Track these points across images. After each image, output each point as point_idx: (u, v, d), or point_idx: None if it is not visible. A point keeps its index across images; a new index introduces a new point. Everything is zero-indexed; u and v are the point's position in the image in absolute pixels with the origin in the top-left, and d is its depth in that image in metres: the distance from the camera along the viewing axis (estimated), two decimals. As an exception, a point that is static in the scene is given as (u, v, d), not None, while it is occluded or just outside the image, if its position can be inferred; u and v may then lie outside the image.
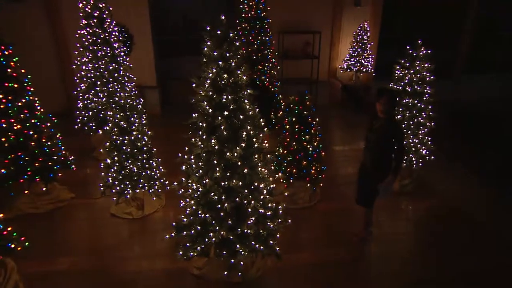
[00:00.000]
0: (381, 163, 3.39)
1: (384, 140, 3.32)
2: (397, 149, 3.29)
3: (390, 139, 3.29)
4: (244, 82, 2.75)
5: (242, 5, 5.41)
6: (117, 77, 5.58)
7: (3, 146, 3.83)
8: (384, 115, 3.29)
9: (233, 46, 2.63)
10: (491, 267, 3.63)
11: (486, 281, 3.47)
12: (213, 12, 8.18)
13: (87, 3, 5.23)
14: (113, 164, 4.00)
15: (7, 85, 3.78)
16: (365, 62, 7.82)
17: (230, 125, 2.75)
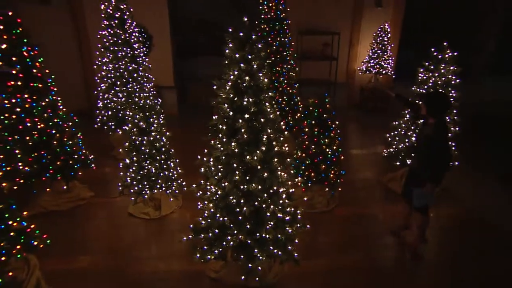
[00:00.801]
0: (426, 167, 3.28)
1: (429, 143, 3.24)
2: (435, 152, 3.18)
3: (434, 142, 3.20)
4: (265, 85, 2.70)
5: (261, 6, 5.36)
6: (136, 78, 5.65)
7: (27, 144, 3.91)
8: (431, 119, 3.24)
9: (255, 48, 2.59)
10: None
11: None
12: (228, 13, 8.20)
13: (109, 5, 5.31)
14: (132, 164, 4.03)
15: (32, 85, 3.86)
16: (385, 64, 7.65)
17: (251, 128, 2.71)
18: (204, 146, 3.01)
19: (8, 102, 3.82)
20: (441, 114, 3.24)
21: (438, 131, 3.20)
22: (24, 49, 3.78)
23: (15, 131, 3.89)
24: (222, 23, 7.90)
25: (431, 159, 3.23)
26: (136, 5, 5.57)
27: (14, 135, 3.90)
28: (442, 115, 3.26)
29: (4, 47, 3.67)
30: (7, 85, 3.77)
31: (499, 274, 3.54)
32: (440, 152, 3.18)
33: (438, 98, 3.27)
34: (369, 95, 8.11)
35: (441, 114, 3.24)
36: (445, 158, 3.22)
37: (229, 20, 7.74)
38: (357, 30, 7.89)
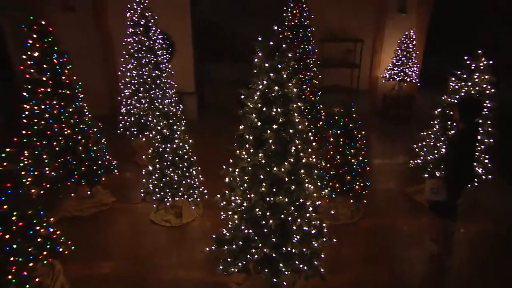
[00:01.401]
0: (454, 173, 3.28)
1: (456, 149, 3.27)
2: (454, 156, 3.23)
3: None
4: (294, 95, 2.64)
5: (285, 13, 5.32)
6: (159, 84, 5.70)
7: (54, 150, 3.98)
8: (462, 124, 3.25)
9: (285, 58, 2.54)
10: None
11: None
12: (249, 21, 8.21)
13: (134, 12, 5.39)
14: (154, 172, 4.03)
15: (60, 91, 3.94)
16: (410, 71, 7.45)
17: (279, 139, 2.64)
18: (225, 153, 2.97)
19: (37, 108, 3.90)
20: (472, 119, 3.25)
21: (463, 138, 3.22)
22: (54, 57, 3.86)
23: (43, 137, 3.97)
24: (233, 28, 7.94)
25: (451, 163, 3.30)
26: (159, 12, 5.64)
27: (42, 140, 3.98)
28: (473, 121, 3.28)
29: (37, 55, 3.76)
30: (37, 92, 3.85)
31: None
32: (460, 159, 3.21)
33: (471, 102, 3.30)
34: (392, 103, 7.92)
35: (472, 119, 3.25)
36: (460, 159, 3.22)
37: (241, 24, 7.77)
38: (380, 37, 7.73)
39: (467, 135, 3.21)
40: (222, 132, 5.78)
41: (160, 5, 5.66)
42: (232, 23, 8.02)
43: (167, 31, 7.20)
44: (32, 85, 3.86)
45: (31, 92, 3.88)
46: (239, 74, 9.23)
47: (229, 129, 3.62)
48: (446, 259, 3.57)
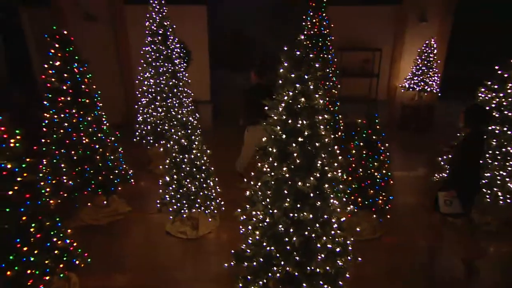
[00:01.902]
0: (457, 178, 3.39)
1: (459, 155, 3.38)
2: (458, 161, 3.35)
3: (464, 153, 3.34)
4: (321, 106, 2.53)
5: (305, 22, 5.25)
6: (176, 93, 5.69)
7: (72, 159, 3.96)
8: (468, 129, 3.38)
9: (311, 68, 2.44)
10: None
11: None
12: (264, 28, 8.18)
13: (153, 22, 5.42)
14: (171, 182, 3.96)
15: (80, 100, 3.93)
16: (430, 81, 7.26)
17: (304, 152, 2.53)
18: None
19: (57, 117, 3.90)
20: (478, 124, 3.36)
21: (470, 142, 3.33)
22: (75, 66, 3.87)
23: (62, 146, 3.96)
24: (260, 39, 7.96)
25: (457, 168, 3.40)
26: (176, 21, 5.65)
27: (60, 149, 3.97)
28: (479, 126, 3.37)
29: (58, 64, 3.77)
30: (57, 101, 3.85)
31: None
32: (461, 157, 3.32)
33: (477, 109, 3.44)
34: (411, 113, 7.72)
35: (478, 124, 3.36)
36: (464, 165, 3.32)
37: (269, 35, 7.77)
38: (400, 46, 7.58)
39: (472, 141, 3.32)
40: (238, 143, 5.75)
41: (177, 14, 5.68)
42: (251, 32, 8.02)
43: (183, 40, 7.24)
44: (53, 94, 3.87)
45: (52, 101, 3.88)
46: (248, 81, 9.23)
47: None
48: (473, 259, 3.62)
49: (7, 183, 2.44)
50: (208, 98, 7.85)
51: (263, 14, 7.52)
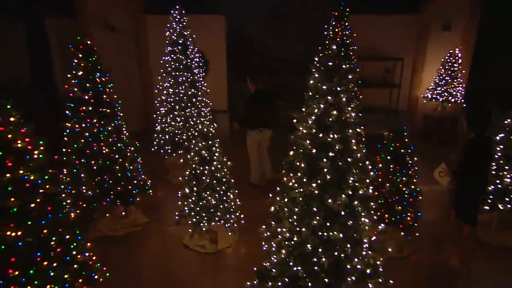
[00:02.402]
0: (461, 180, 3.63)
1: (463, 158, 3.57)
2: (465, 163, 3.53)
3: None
4: (353, 120, 2.40)
5: (326, 32, 5.16)
6: (195, 102, 5.64)
7: (92, 169, 3.93)
8: (471, 134, 3.53)
9: (344, 79, 2.32)
10: None
11: None
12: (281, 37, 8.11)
13: (173, 31, 5.42)
14: (191, 194, 3.87)
15: (101, 110, 3.91)
16: (454, 91, 7.02)
17: (335, 168, 2.39)
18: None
19: (78, 126, 3.88)
20: (480, 128, 3.48)
21: (473, 146, 3.50)
22: (97, 76, 3.86)
23: (82, 155, 3.93)
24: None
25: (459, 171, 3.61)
26: (195, 30, 5.64)
27: (81, 159, 3.94)
28: (481, 130, 3.48)
29: (81, 74, 3.77)
30: (79, 110, 3.84)
31: None
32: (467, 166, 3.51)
33: (479, 112, 3.54)
34: (434, 124, 7.47)
35: (480, 128, 3.48)
36: (464, 165, 3.53)
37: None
38: (422, 56, 7.40)
39: (475, 145, 3.50)
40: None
41: (196, 23, 5.67)
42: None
43: (201, 49, 7.25)
44: (75, 104, 3.86)
45: (73, 111, 3.88)
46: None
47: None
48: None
49: (29, 195, 2.38)
50: (225, 107, 7.80)
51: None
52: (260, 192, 5.38)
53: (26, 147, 2.40)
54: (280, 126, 5.16)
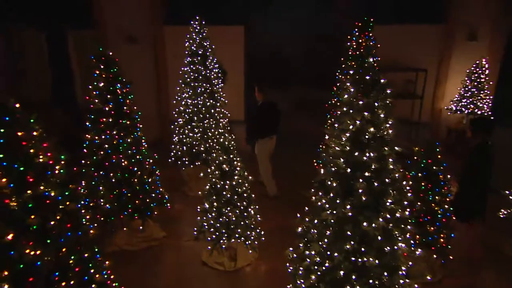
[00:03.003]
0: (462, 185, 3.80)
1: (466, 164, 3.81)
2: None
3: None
4: (391, 137, 2.24)
5: (349, 42, 5.01)
6: (213, 113, 5.56)
7: (110, 181, 3.85)
8: (476, 139, 3.75)
9: (382, 94, 2.17)
10: None
11: None
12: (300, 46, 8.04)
13: (193, 42, 5.38)
14: (211, 210, 3.74)
15: (121, 121, 3.85)
16: (481, 103, 6.74)
17: (371, 189, 2.23)
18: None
19: (98, 138, 3.83)
20: (484, 133, 3.70)
21: (478, 150, 3.70)
22: (118, 87, 3.81)
23: (101, 168, 3.86)
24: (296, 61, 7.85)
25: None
26: (214, 41, 5.59)
27: (99, 171, 3.88)
28: (485, 135, 3.69)
29: (102, 85, 3.73)
30: (99, 122, 3.79)
31: None
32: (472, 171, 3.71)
33: (482, 118, 4.02)
34: (458, 137, 7.17)
35: (484, 133, 3.70)
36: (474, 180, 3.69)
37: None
38: (446, 66, 7.16)
39: (480, 150, 3.69)
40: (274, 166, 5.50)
41: (215, 34, 5.62)
42: (290, 54, 7.94)
43: (220, 60, 7.22)
44: (95, 115, 3.81)
45: (93, 122, 3.83)
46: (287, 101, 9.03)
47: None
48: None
49: (50, 213, 2.29)
50: (243, 118, 7.71)
51: (306, 36, 7.42)
52: (280, 206, 5.22)
53: (48, 162, 2.32)
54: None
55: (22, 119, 2.22)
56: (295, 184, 5.89)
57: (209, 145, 5.57)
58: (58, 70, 7.10)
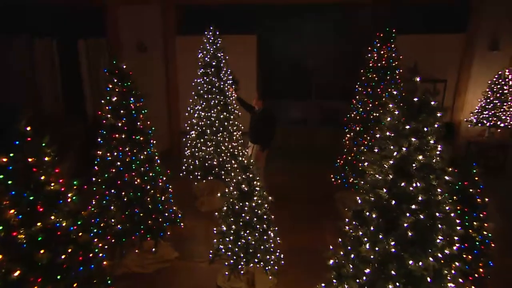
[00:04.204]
0: None
1: None
2: None
3: None
4: (442, 166, 2.00)
5: (370, 54, 4.81)
6: (227, 126, 5.37)
7: (122, 200, 3.65)
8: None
9: (432, 118, 1.94)
10: None
11: None
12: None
13: (207, 53, 5.21)
14: (228, 233, 3.50)
15: (134, 137, 3.66)
16: (504, 116, 6.46)
17: (418, 224, 1.99)
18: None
19: (110, 155, 3.64)
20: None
21: None
22: (132, 101, 3.63)
23: (113, 186, 3.67)
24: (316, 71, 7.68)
25: None
26: (226, 50, 5.42)
27: (111, 189, 3.68)
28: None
29: (115, 99, 3.55)
30: (111, 138, 3.60)
31: None
32: None
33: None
34: (479, 151, 6.89)
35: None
36: None
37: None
38: (466, 77, 6.91)
39: None
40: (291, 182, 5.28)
41: (227, 43, 5.44)
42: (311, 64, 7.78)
43: (232, 69, 7.05)
44: (107, 131, 3.63)
45: (105, 138, 3.64)
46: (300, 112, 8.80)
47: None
48: None
49: (60, 245, 2.09)
50: (254, 129, 7.49)
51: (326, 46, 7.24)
52: (293, 221, 4.98)
53: (60, 189, 2.12)
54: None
55: (33, 143, 2.03)
56: (306, 198, 5.70)
57: (222, 159, 5.37)
58: (68, 80, 6.98)
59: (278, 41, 7.53)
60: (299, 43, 7.57)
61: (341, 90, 7.46)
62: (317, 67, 7.66)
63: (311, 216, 5.22)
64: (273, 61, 7.83)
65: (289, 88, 7.91)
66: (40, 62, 7.06)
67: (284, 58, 7.95)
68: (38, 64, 7.06)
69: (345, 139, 5.28)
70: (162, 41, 7.03)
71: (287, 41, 7.45)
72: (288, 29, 7.27)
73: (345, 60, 7.29)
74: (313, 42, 7.39)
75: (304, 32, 7.34)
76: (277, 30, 7.28)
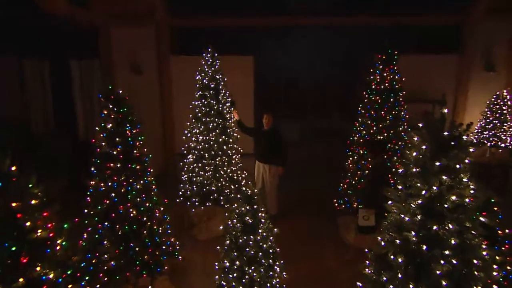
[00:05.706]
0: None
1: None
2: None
3: None
4: (474, 205, 1.83)
5: (372, 76, 4.72)
6: (226, 150, 5.17)
7: (116, 234, 3.37)
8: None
9: (464, 154, 1.78)
10: None
11: None
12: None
13: (205, 75, 5.06)
14: (232, 270, 3.24)
15: (130, 166, 3.42)
16: (504, 136, 6.42)
17: (452, 270, 1.79)
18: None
19: (104, 185, 3.38)
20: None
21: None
22: (128, 128, 3.41)
23: (106, 219, 3.39)
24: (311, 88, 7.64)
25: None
26: (224, 71, 5.29)
27: (104, 222, 3.40)
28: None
29: (110, 126, 3.33)
30: (106, 167, 3.36)
31: None
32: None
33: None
34: (480, 171, 6.80)
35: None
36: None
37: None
38: (463, 98, 6.91)
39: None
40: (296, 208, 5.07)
41: (224, 64, 5.32)
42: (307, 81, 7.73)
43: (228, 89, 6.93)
44: (101, 160, 3.39)
45: (99, 168, 3.40)
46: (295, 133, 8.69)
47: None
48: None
49: (47, 302, 1.82)
50: (251, 150, 7.31)
51: (321, 62, 7.19)
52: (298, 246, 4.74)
53: (48, 236, 1.87)
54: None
55: (18, 184, 1.79)
56: (308, 221, 5.53)
57: (221, 184, 5.14)
58: (60, 101, 6.74)
59: (274, 61, 7.48)
60: (295, 62, 7.54)
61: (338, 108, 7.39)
62: (313, 86, 7.61)
63: (313, 241, 4.97)
64: (269, 81, 7.75)
65: (285, 107, 7.81)
66: (30, 82, 6.84)
67: (279, 77, 7.88)
68: (29, 85, 6.83)
69: (348, 163, 5.12)
70: (157, 61, 6.88)
71: (283, 60, 7.40)
72: (283, 48, 7.24)
73: (341, 79, 7.24)
74: (310, 60, 7.35)
75: (300, 51, 7.31)
76: (274, 50, 7.23)
